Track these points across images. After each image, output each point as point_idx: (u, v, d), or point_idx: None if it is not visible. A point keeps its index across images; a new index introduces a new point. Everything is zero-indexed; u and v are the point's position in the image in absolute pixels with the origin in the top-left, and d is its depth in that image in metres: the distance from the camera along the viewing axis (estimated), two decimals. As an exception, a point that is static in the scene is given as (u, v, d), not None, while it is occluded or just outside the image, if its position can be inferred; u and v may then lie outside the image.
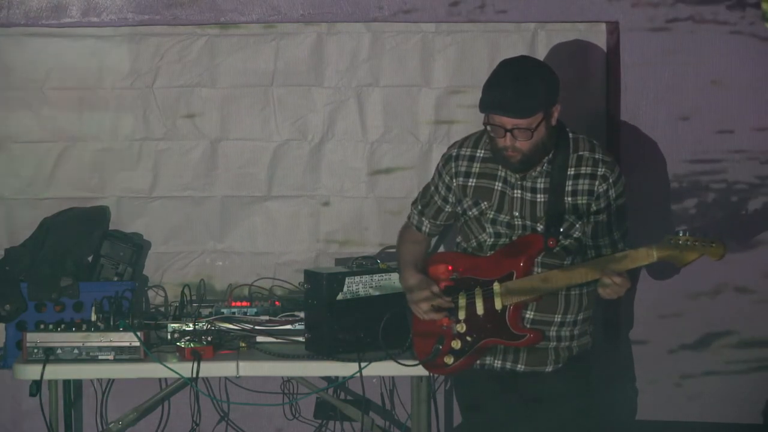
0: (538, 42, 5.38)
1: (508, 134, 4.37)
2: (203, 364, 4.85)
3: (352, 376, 4.86)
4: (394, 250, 4.93)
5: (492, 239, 4.57)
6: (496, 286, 4.49)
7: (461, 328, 4.56)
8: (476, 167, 4.58)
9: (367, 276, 4.93)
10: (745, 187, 5.34)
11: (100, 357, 4.90)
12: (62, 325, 4.94)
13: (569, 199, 4.47)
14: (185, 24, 5.40)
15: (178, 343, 4.95)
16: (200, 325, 5.08)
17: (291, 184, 5.49)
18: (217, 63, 5.43)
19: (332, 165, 5.49)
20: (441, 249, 5.22)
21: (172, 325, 5.09)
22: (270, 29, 5.41)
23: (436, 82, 5.43)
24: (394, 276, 4.89)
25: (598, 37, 5.38)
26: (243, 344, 5.02)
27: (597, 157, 4.49)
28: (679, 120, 5.34)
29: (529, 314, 4.52)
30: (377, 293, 4.94)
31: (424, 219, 4.75)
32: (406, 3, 5.35)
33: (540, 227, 4.49)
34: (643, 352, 5.42)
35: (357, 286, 4.91)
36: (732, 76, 5.30)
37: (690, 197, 5.35)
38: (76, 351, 4.89)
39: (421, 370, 4.74)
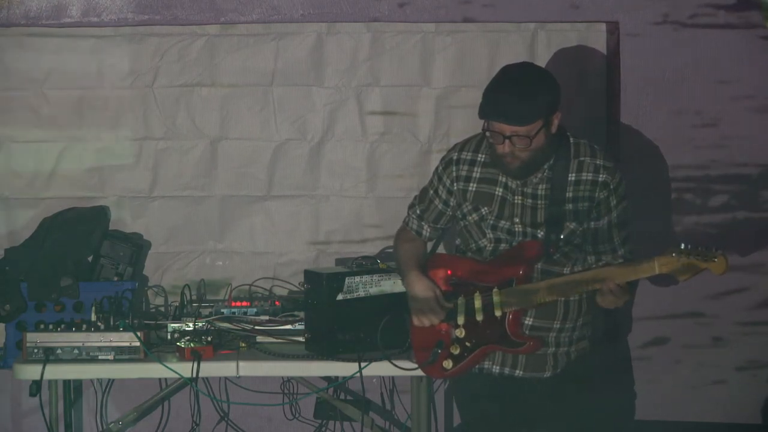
0: (538, 42, 5.38)
1: (507, 141, 4.36)
2: (203, 364, 4.85)
3: (352, 376, 4.86)
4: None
5: (492, 245, 4.56)
6: (495, 293, 4.50)
7: (460, 333, 4.56)
8: (477, 172, 4.57)
9: (367, 276, 4.93)
10: (747, 189, 5.34)
11: (100, 357, 4.89)
12: (62, 325, 4.94)
13: (570, 205, 4.47)
14: (185, 24, 5.40)
15: (178, 343, 4.94)
16: (200, 325, 5.08)
17: (291, 184, 5.49)
18: (217, 63, 5.43)
19: (332, 165, 5.49)
20: (440, 249, 5.21)
21: (172, 325, 5.08)
22: (270, 29, 5.41)
23: (436, 82, 5.43)
24: (394, 276, 4.89)
25: (598, 38, 5.38)
26: (243, 344, 5.02)
27: (598, 162, 4.48)
28: (680, 121, 5.34)
29: (529, 320, 4.51)
30: (377, 293, 4.93)
31: (423, 223, 4.74)
32: (405, 2, 5.36)
33: (540, 233, 4.49)
34: (643, 353, 5.42)
35: (357, 286, 4.90)
36: (733, 77, 5.31)
37: (691, 199, 5.36)
38: (76, 351, 4.89)
39: (421, 371, 4.74)
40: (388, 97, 5.44)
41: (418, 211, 4.74)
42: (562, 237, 4.47)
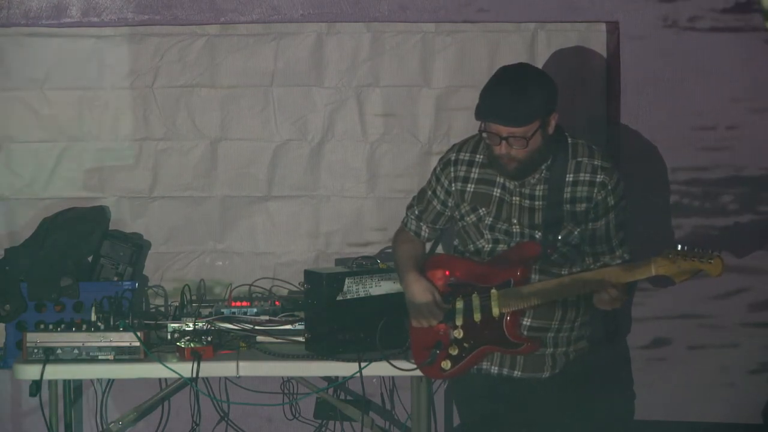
0: (538, 42, 5.38)
1: (504, 142, 4.36)
2: (203, 364, 4.85)
3: (352, 376, 4.87)
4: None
5: (490, 245, 4.56)
6: (493, 294, 4.49)
7: (458, 333, 4.56)
8: (475, 172, 4.57)
9: (367, 276, 4.93)
10: (747, 191, 5.34)
11: (100, 357, 4.89)
12: (62, 325, 4.94)
13: (567, 206, 4.47)
14: (185, 24, 5.41)
15: (178, 343, 4.94)
16: (200, 325, 5.08)
17: (291, 184, 5.49)
18: (217, 63, 5.43)
19: (332, 165, 5.48)
20: (439, 249, 5.21)
21: (172, 325, 5.08)
22: (270, 29, 5.41)
23: (436, 82, 5.43)
24: (394, 276, 4.88)
25: (598, 38, 5.37)
26: (243, 344, 5.02)
27: (596, 163, 4.47)
28: (680, 122, 5.34)
29: (527, 321, 4.51)
30: (377, 293, 4.94)
31: (422, 224, 4.74)
32: (405, 2, 5.37)
33: (538, 234, 4.49)
34: (643, 354, 5.42)
35: (357, 286, 4.90)
36: (733, 78, 5.30)
37: (690, 201, 5.35)
38: (76, 351, 4.89)
39: (420, 371, 4.74)
40: (388, 98, 5.44)
41: (416, 212, 4.74)
42: (559, 238, 4.47)
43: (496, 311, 4.49)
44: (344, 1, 5.38)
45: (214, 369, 4.93)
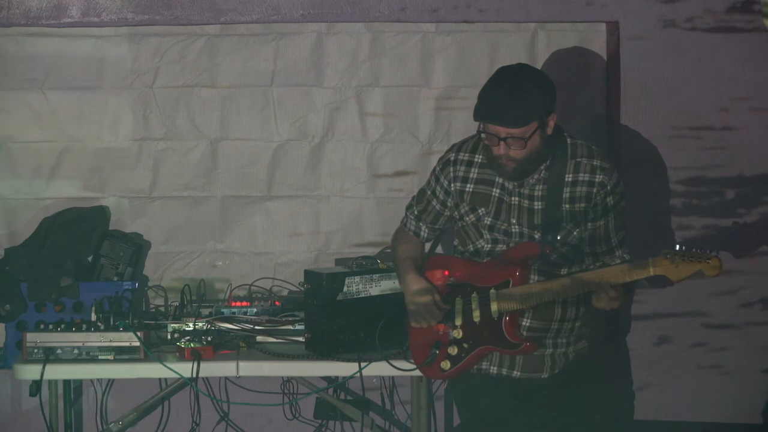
0: (538, 42, 5.38)
1: (502, 143, 4.36)
2: (203, 364, 4.86)
3: (352, 376, 4.87)
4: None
5: (489, 245, 4.56)
6: (492, 294, 4.49)
7: (458, 334, 4.56)
8: (474, 173, 4.57)
9: (367, 276, 4.93)
10: (747, 190, 5.34)
11: (100, 357, 4.90)
12: (62, 325, 4.94)
13: (567, 206, 4.47)
14: (185, 24, 5.41)
15: (178, 343, 4.95)
16: (200, 325, 5.08)
17: (291, 184, 5.49)
18: (217, 63, 5.43)
19: (332, 165, 5.49)
20: (438, 249, 5.21)
21: (172, 325, 5.09)
22: (270, 29, 5.41)
23: (436, 82, 5.43)
24: (394, 276, 4.88)
25: (598, 38, 5.37)
26: (243, 344, 5.02)
27: (595, 163, 4.47)
28: (680, 122, 5.34)
29: (526, 321, 4.51)
30: (377, 293, 4.94)
31: (421, 224, 4.73)
32: (405, 2, 5.37)
33: (537, 235, 4.48)
34: (643, 353, 5.42)
35: (357, 286, 4.90)
36: (733, 78, 5.30)
37: (690, 201, 5.35)
38: (76, 351, 4.89)
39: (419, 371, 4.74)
40: (388, 98, 5.44)
41: (415, 212, 4.74)
42: (558, 238, 4.47)
43: (495, 311, 4.49)
44: (344, 1, 5.38)
45: (214, 369, 4.93)
